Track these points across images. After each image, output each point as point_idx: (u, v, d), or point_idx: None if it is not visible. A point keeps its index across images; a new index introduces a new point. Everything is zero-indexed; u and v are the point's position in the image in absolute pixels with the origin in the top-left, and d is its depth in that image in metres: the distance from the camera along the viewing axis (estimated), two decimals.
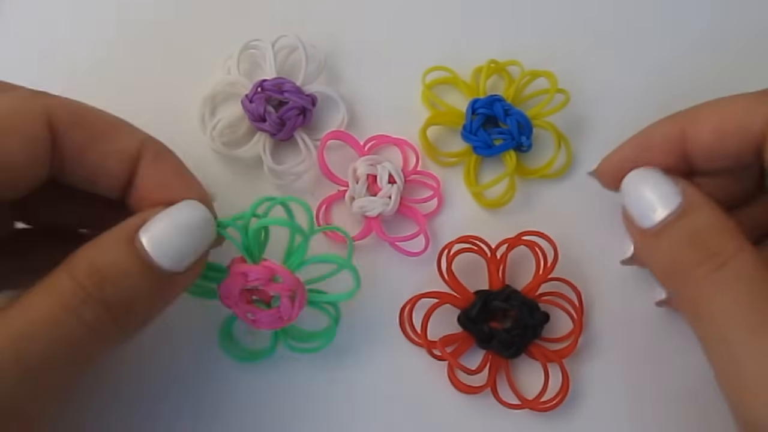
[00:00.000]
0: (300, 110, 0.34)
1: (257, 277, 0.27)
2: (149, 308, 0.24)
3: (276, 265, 0.27)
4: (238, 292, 0.27)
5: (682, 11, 0.39)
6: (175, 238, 0.24)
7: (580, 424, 0.32)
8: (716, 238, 0.24)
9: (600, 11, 0.39)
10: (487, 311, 0.32)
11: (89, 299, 0.22)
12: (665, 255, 0.25)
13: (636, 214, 0.26)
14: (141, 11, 0.37)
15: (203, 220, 0.25)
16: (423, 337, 0.32)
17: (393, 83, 0.37)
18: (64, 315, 0.21)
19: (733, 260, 0.23)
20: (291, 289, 0.27)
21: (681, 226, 0.24)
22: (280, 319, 0.28)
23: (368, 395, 0.32)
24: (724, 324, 0.22)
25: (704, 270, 0.23)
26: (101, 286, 0.22)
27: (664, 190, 0.25)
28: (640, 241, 0.26)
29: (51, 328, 0.21)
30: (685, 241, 0.24)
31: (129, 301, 0.23)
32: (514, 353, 0.32)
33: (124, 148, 0.25)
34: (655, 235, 0.25)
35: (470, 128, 0.34)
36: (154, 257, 0.23)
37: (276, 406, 0.32)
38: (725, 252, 0.23)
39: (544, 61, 0.36)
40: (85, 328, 0.22)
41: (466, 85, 0.36)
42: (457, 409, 0.32)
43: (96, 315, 0.22)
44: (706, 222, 0.24)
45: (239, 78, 0.35)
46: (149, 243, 0.23)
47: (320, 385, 0.32)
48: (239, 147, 0.34)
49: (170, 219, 0.24)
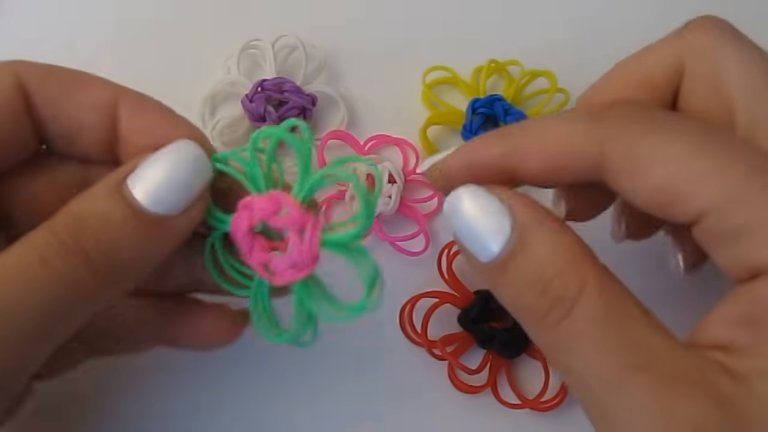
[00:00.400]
0: (300, 110, 0.34)
1: (261, 207, 0.23)
2: (137, 256, 0.22)
3: (284, 195, 0.23)
4: (246, 230, 0.23)
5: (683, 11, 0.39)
6: (164, 179, 0.22)
7: (580, 425, 0.32)
8: (558, 279, 0.21)
9: (600, 11, 0.39)
10: (487, 311, 0.32)
11: (62, 248, 0.21)
12: (507, 297, 0.22)
13: (466, 245, 0.22)
14: (141, 11, 0.37)
15: (195, 158, 0.23)
16: (423, 337, 0.32)
17: (393, 83, 0.37)
18: (32, 266, 0.20)
19: (579, 304, 0.20)
20: (298, 221, 0.23)
21: (517, 266, 0.21)
22: (295, 267, 0.23)
23: (368, 395, 0.32)
24: (584, 376, 0.20)
25: (551, 320, 0.21)
26: (78, 234, 0.21)
27: (492, 221, 0.22)
28: (479, 274, 0.23)
29: (16, 276, 0.20)
30: (525, 285, 0.21)
31: (111, 249, 0.21)
32: (514, 353, 0.32)
33: (99, 98, 0.24)
34: (493, 272, 0.22)
35: (470, 128, 0.35)
36: (143, 202, 0.22)
37: (276, 406, 0.32)
38: (569, 295, 0.20)
39: (544, 61, 0.36)
40: (55, 278, 0.21)
41: (466, 84, 0.36)
42: (457, 409, 0.32)
43: (69, 265, 0.21)
44: (544, 258, 0.21)
45: (239, 78, 0.35)
46: (138, 188, 0.22)
47: (320, 385, 0.32)
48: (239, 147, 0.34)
49: (159, 161, 0.22)
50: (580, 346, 0.20)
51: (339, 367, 0.32)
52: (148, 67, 0.36)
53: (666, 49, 0.25)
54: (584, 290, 0.20)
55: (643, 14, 0.39)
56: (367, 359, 0.33)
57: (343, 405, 0.32)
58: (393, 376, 0.32)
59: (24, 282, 0.20)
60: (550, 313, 0.21)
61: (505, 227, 0.21)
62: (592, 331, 0.20)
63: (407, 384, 0.32)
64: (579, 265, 0.21)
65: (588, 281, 0.20)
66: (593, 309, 0.20)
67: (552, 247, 0.21)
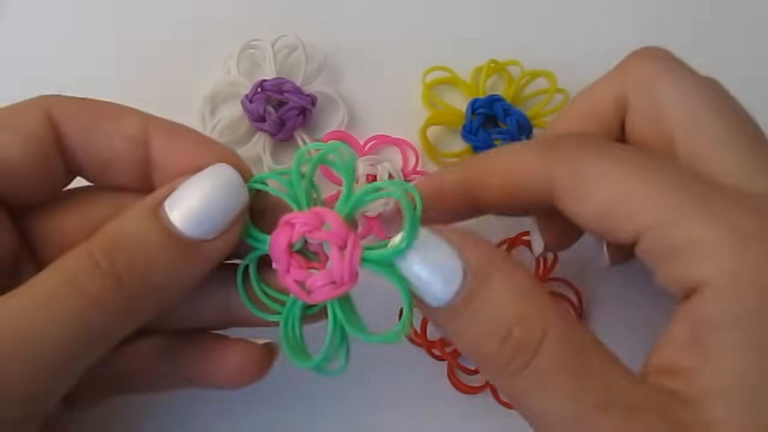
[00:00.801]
0: (300, 110, 0.34)
1: (303, 221, 0.23)
2: (171, 280, 0.22)
3: (327, 210, 0.23)
4: (285, 246, 0.23)
5: (682, 11, 0.39)
6: (202, 204, 0.22)
7: None
8: (520, 326, 0.20)
9: (600, 11, 0.39)
10: None
11: (96, 270, 0.21)
12: (466, 343, 0.21)
13: (417, 288, 0.21)
14: (141, 11, 0.37)
15: (231, 182, 0.23)
16: (422, 338, 0.32)
17: (393, 83, 0.37)
18: (64, 288, 0.20)
19: (541, 351, 0.20)
20: (341, 236, 0.23)
21: (474, 310, 0.21)
22: (334, 284, 0.23)
23: (368, 396, 0.32)
24: (548, 419, 0.20)
25: (514, 368, 0.20)
26: (113, 256, 0.21)
27: (442, 263, 0.21)
28: (431, 318, 0.22)
29: (49, 301, 0.20)
30: (484, 332, 0.21)
31: (145, 272, 0.21)
32: None
33: (129, 128, 0.24)
34: (448, 318, 0.21)
35: (470, 128, 0.35)
36: (179, 225, 0.22)
37: (275, 407, 0.32)
38: (532, 341, 0.20)
39: (544, 61, 0.36)
40: (88, 301, 0.20)
41: (466, 85, 0.36)
42: (456, 410, 0.32)
43: (102, 286, 0.21)
44: (503, 303, 0.21)
45: (239, 78, 0.35)
46: (174, 211, 0.22)
47: (320, 386, 0.32)
48: (239, 147, 0.34)
49: (196, 184, 0.22)
50: (542, 391, 0.20)
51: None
52: (149, 67, 0.36)
53: (612, 82, 0.26)
54: (546, 336, 0.20)
55: (643, 14, 0.39)
56: (366, 360, 0.33)
57: (342, 405, 0.32)
58: (392, 376, 0.32)
59: (55, 303, 0.20)
60: (512, 361, 0.20)
61: (457, 271, 0.21)
62: (554, 376, 0.20)
63: (407, 384, 0.32)
64: (541, 310, 0.21)
65: (551, 325, 0.20)
66: (555, 354, 0.20)
67: (509, 290, 0.21)
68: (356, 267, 0.22)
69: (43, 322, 0.20)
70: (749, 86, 0.27)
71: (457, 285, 0.21)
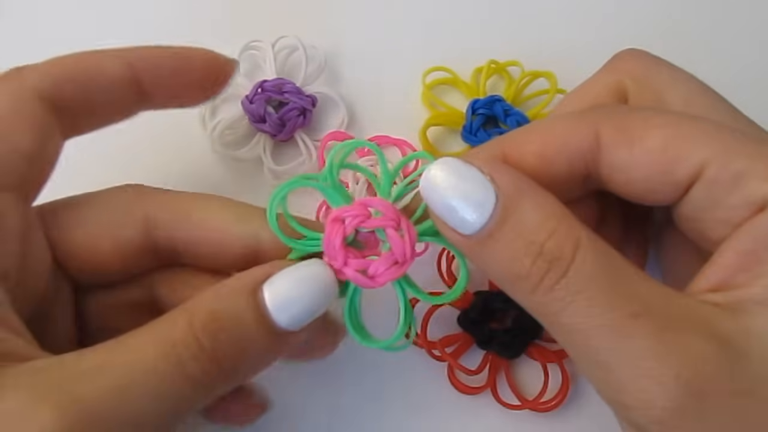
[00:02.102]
0: (300, 111, 0.34)
1: (353, 214, 0.24)
2: (257, 364, 0.23)
3: (371, 198, 0.24)
4: (340, 243, 0.24)
5: (682, 11, 0.39)
6: (297, 297, 0.23)
7: (580, 424, 0.32)
8: (552, 240, 0.21)
9: (600, 11, 0.39)
10: (487, 312, 0.32)
11: (200, 353, 0.21)
12: (499, 266, 0.22)
13: (447, 220, 0.22)
14: (141, 11, 0.37)
15: (328, 283, 0.23)
16: (423, 338, 0.32)
17: (393, 83, 0.37)
18: (169, 367, 0.20)
19: (575, 263, 0.21)
20: (394, 219, 0.24)
21: (507, 232, 0.21)
22: (396, 264, 0.24)
23: (368, 396, 0.32)
24: (585, 334, 0.20)
25: (548, 282, 0.21)
26: (215, 336, 0.21)
27: (475, 191, 0.21)
28: (463, 248, 0.23)
29: (154, 381, 0.20)
30: (517, 250, 0.21)
31: (241, 355, 0.22)
32: (514, 354, 0.32)
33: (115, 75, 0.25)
34: (480, 243, 0.22)
35: (470, 129, 0.35)
36: (274, 313, 0.22)
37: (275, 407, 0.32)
38: (564, 255, 0.21)
39: (544, 61, 0.36)
40: (189, 382, 0.21)
41: (466, 85, 0.36)
42: (457, 410, 0.32)
43: (203, 369, 0.21)
44: (536, 221, 0.21)
45: (239, 78, 0.35)
46: (271, 298, 0.22)
47: (320, 384, 0.32)
48: (239, 148, 0.34)
49: (296, 277, 0.23)
50: (577, 305, 0.20)
51: (339, 369, 0.32)
52: None
53: (606, 76, 0.28)
54: (579, 249, 0.21)
55: (643, 15, 0.39)
56: (366, 361, 0.33)
57: (342, 406, 0.32)
58: (392, 377, 0.32)
59: (158, 379, 0.20)
60: (546, 276, 0.21)
61: (490, 197, 0.21)
62: (589, 288, 0.20)
63: (407, 385, 0.32)
64: (572, 226, 0.21)
65: (581, 239, 0.21)
66: (589, 266, 0.21)
67: (541, 209, 0.21)
68: (415, 243, 0.24)
69: (150, 402, 0.20)
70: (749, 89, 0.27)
71: (490, 209, 0.21)
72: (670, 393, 0.19)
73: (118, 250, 0.25)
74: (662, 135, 0.22)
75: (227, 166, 0.35)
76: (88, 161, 0.30)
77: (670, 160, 0.22)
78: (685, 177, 0.22)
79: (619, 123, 0.23)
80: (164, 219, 0.25)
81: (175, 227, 0.25)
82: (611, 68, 0.28)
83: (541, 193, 0.22)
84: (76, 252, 0.25)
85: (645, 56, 0.27)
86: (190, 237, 0.25)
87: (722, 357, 0.20)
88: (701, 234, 0.23)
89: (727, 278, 0.21)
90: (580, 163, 0.24)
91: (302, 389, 0.32)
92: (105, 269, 0.25)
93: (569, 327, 0.21)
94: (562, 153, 0.24)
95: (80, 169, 0.28)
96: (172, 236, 0.25)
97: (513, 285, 0.22)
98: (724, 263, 0.22)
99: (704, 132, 0.22)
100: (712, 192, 0.22)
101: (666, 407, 0.19)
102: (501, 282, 0.23)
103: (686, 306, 0.21)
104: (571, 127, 0.24)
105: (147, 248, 0.25)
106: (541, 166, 0.24)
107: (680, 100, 0.26)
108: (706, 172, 0.22)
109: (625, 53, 0.28)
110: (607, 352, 0.20)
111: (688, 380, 0.19)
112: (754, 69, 0.38)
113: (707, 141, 0.22)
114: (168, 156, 0.34)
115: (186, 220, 0.25)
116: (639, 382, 0.20)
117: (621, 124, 0.23)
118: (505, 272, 0.22)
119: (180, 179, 0.34)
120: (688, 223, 0.24)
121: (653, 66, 0.27)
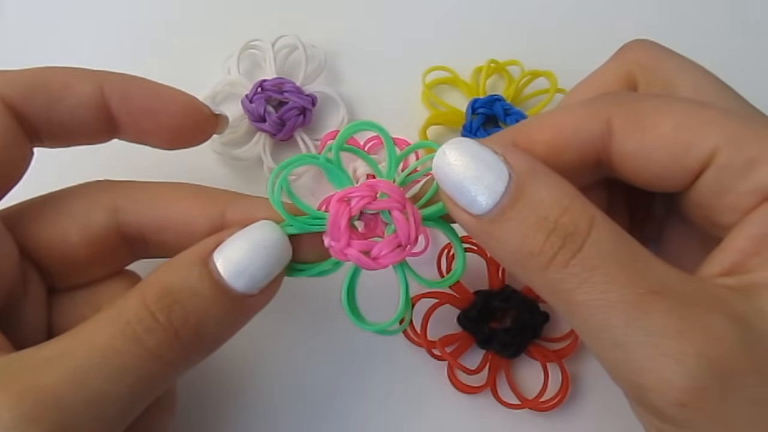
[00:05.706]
0: (300, 110, 0.34)
1: (360, 194, 0.24)
2: (219, 332, 0.23)
3: (378, 180, 0.24)
4: (346, 223, 0.24)
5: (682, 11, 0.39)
6: (249, 259, 0.23)
7: (580, 424, 0.32)
8: (566, 216, 0.21)
9: (600, 11, 0.39)
10: (487, 311, 0.32)
11: (155, 325, 0.21)
12: (511, 245, 0.21)
13: (459, 199, 0.22)
14: (141, 11, 0.37)
15: (279, 242, 0.24)
16: (423, 337, 0.32)
17: (393, 83, 0.37)
18: (124, 342, 0.21)
19: (590, 239, 0.20)
20: (400, 201, 0.24)
21: (519, 209, 0.21)
22: (400, 247, 0.24)
23: (368, 396, 0.32)
24: (601, 311, 0.20)
25: (562, 258, 0.20)
26: (170, 309, 0.21)
27: (488, 171, 0.21)
28: (474, 228, 0.22)
29: (114, 357, 0.20)
30: (531, 226, 0.21)
31: (199, 325, 0.22)
32: (514, 353, 0.32)
33: (83, 95, 0.25)
34: (492, 222, 0.21)
35: (470, 128, 0.35)
36: (228, 279, 0.22)
37: (275, 407, 0.32)
38: (579, 230, 0.20)
39: (544, 61, 0.36)
40: (148, 356, 0.21)
41: (466, 85, 0.36)
42: (457, 409, 0.32)
43: (160, 342, 0.21)
44: (549, 199, 0.21)
45: (239, 78, 0.35)
46: (223, 264, 0.22)
47: (320, 385, 0.32)
48: (239, 147, 0.34)
49: (245, 240, 0.23)
50: (594, 281, 0.20)
51: (339, 368, 0.32)
52: (148, 68, 0.36)
53: (615, 66, 0.28)
54: (594, 225, 0.21)
55: (643, 15, 0.39)
56: (366, 360, 0.33)
57: (342, 405, 0.32)
58: (392, 376, 0.32)
59: (119, 359, 0.21)
60: (560, 252, 0.21)
61: (503, 175, 0.21)
62: (605, 264, 0.20)
63: (407, 384, 0.32)
64: (584, 203, 0.21)
65: (595, 218, 0.21)
66: (604, 243, 0.20)
67: (554, 187, 0.21)
68: (420, 226, 0.24)
69: (111, 381, 0.20)
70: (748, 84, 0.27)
71: (503, 188, 0.21)
72: (691, 372, 0.19)
73: (87, 239, 0.25)
74: (674, 121, 0.22)
75: (227, 165, 0.35)
76: (88, 161, 0.30)
77: (681, 146, 0.22)
78: (697, 163, 0.22)
79: (630, 110, 0.23)
80: (131, 206, 0.25)
81: (142, 212, 0.25)
82: (620, 58, 0.28)
83: (554, 174, 0.22)
84: (45, 243, 0.25)
85: (653, 46, 0.28)
86: (156, 222, 0.25)
87: (743, 336, 0.19)
88: (711, 220, 0.23)
89: (739, 262, 0.21)
90: (590, 150, 0.24)
91: (302, 389, 0.32)
92: (75, 260, 0.25)
93: (585, 304, 0.20)
94: (573, 142, 0.24)
95: (78, 170, 0.28)
96: (138, 221, 0.25)
97: (525, 263, 0.21)
98: (736, 247, 0.21)
99: (715, 118, 0.22)
100: (723, 178, 0.22)
101: (687, 388, 0.19)
102: (511, 262, 0.22)
103: (702, 287, 0.20)
104: (582, 115, 0.24)
105: (116, 237, 0.25)
106: (551, 155, 0.24)
107: (689, 89, 0.26)
108: (718, 157, 0.22)
109: (633, 43, 0.28)
110: (624, 330, 0.20)
111: (711, 359, 0.19)
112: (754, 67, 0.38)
113: (719, 127, 0.22)
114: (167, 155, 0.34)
115: (152, 206, 0.25)
116: (657, 361, 0.19)
117: (632, 111, 0.23)
118: (516, 250, 0.21)
119: (180, 179, 0.34)
120: (697, 209, 0.23)
121: (662, 55, 0.27)
